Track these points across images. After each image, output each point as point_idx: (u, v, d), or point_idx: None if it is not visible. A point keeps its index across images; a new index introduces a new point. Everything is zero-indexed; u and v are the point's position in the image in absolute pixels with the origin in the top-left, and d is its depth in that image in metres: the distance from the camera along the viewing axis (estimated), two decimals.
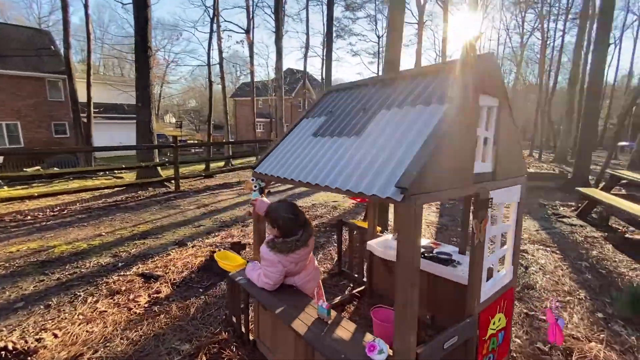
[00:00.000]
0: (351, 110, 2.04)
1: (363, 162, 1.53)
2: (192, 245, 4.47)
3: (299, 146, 2.07)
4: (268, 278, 1.89)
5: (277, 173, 1.96)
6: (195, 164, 14.60)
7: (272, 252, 1.86)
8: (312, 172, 1.72)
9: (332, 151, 1.77)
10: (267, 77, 30.32)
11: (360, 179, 1.45)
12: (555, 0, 24.91)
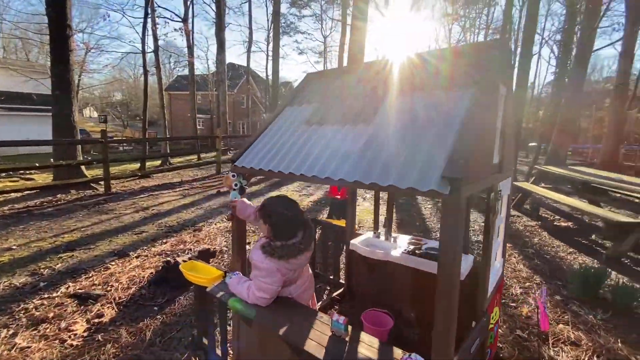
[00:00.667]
0: (348, 96, 1.84)
1: (383, 152, 1.34)
2: (136, 255, 3.83)
3: (290, 136, 1.80)
4: (264, 291, 1.58)
5: (267, 167, 1.67)
6: (126, 163, 12.98)
7: (270, 258, 1.55)
8: (316, 165, 1.48)
9: (339, 141, 1.55)
10: (207, 71, 28.52)
11: (385, 171, 1.25)
12: (477, 15, 27.82)
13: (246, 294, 1.62)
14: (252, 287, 1.61)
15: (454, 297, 1.13)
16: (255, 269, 1.60)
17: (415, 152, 1.26)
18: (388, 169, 1.25)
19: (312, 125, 1.78)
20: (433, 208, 6.70)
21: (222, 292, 1.74)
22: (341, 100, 1.84)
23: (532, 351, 2.26)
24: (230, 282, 1.74)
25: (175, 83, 31.97)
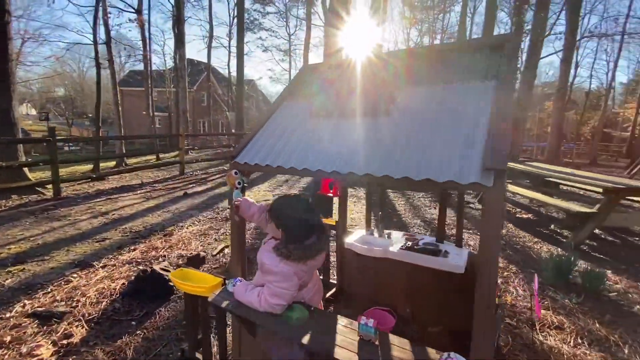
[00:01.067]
0: (357, 89, 1.76)
1: (411, 145, 1.28)
2: (102, 265, 3.45)
3: (295, 130, 1.69)
4: (279, 297, 1.45)
5: (275, 163, 1.55)
6: (75, 165, 11.80)
7: (286, 261, 1.43)
8: (337, 160, 1.39)
9: (358, 134, 1.47)
10: (164, 66, 26.91)
11: (418, 164, 1.20)
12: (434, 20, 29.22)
13: (257, 302, 1.49)
14: (263, 293, 1.48)
15: (493, 293, 1.11)
16: (268, 273, 1.47)
17: (445, 144, 1.22)
18: (420, 162, 1.20)
19: (321, 119, 1.68)
20: (406, 204, 6.87)
21: (227, 301, 1.59)
22: (349, 93, 1.76)
23: (525, 338, 2.36)
24: (236, 289, 1.59)
25: (128, 78, 29.71)
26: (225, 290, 1.70)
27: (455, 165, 1.13)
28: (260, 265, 1.54)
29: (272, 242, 1.53)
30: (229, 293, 1.66)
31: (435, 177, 1.12)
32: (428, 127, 1.33)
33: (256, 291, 1.53)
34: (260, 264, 1.53)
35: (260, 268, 1.56)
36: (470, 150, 1.15)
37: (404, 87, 1.61)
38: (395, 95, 1.58)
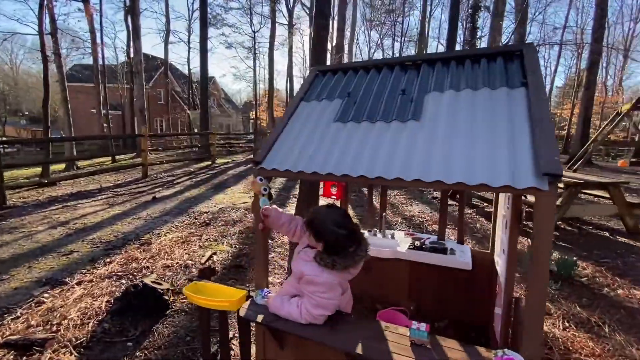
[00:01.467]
0: (381, 92, 1.76)
1: (455, 150, 1.31)
2: (77, 282, 3.12)
3: (325, 134, 1.65)
4: (324, 308, 1.40)
5: (309, 168, 1.49)
6: (15, 169, 10.51)
7: (329, 271, 1.39)
8: (375, 164, 1.37)
9: (392, 138, 1.47)
10: (116, 61, 24.92)
11: (467, 169, 1.22)
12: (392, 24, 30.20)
13: (298, 314, 1.43)
14: (304, 305, 1.43)
15: (545, 292, 1.17)
16: (309, 284, 1.41)
17: (490, 149, 1.26)
18: (471, 167, 1.23)
19: (349, 123, 1.65)
20: None
21: (261, 314, 1.51)
22: (373, 97, 1.75)
23: None
24: (272, 302, 1.52)
25: (75, 73, 27.05)
26: (253, 303, 1.61)
27: (506, 170, 1.18)
28: (298, 275, 1.48)
29: (309, 252, 1.48)
30: (258, 306, 1.58)
31: (490, 183, 1.15)
32: (464, 131, 1.37)
33: (294, 302, 1.48)
34: (298, 274, 1.47)
35: (297, 278, 1.50)
36: (518, 156, 1.20)
37: (429, 92, 1.64)
38: (423, 101, 1.61)
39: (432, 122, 1.47)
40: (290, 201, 7.04)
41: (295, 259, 1.54)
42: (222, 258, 3.81)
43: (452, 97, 1.56)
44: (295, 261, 1.53)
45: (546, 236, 1.14)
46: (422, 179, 1.26)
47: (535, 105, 1.34)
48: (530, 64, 1.53)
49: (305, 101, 1.95)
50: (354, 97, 1.81)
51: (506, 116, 1.37)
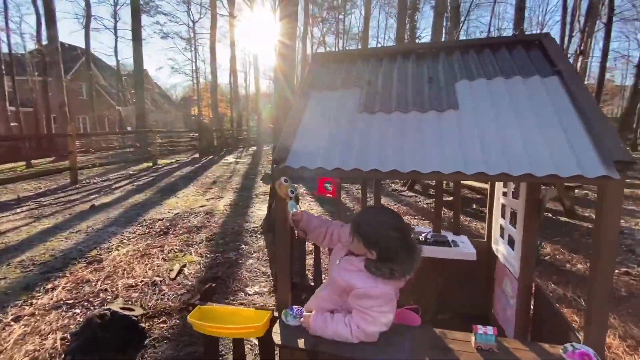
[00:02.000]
0: (405, 80, 1.64)
1: (507, 140, 1.23)
2: (13, 317, 2.49)
3: (350, 127, 1.47)
4: (381, 324, 1.24)
5: (346, 165, 1.30)
6: None
7: (386, 281, 1.22)
8: (424, 158, 1.24)
9: (433, 129, 1.35)
10: (23, 49, 21.19)
11: (531, 160, 1.15)
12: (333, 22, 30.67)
13: (348, 333, 1.24)
14: (354, 322, 1.25)
15: (611, 279, 1.15)
16: (363, 298, 1.23)
17: (546, 139, 1.21)
18: (533, 158, 1.16)
19: (377, 113, 1.50)
20: (348, 196, 7.05)
21: (301, 339, 1.29)
22: (397, 85, 1.62)
23: None
24: (313, 322, 1.30)
25: None
26: (284, 325, 1.38)
27: (572, 159, 1.13)
28: (342, 289, 1.29)
29: (355, 260, 1.30)
30: (291, 328, 1.36)
31: (558, 173, 1.10)
32: (512, 121, 1.31)
33: (340, 320, 1.28)
34: (343, 287, 1.28)
35: (340, 291, 1.32)
36: (577, 145, 1.16)
37: (458, 80, 1.56)
38: (453, 90, 1.52)
39: (474, 111, 1.39)
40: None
41: (336, 270, 1.35)
42: (194, 270, 3.39)
43: (484, 85, 1.50)
44: (336, 272, 1.33)
45: (614, 225, 1.12)
46: (485, 172, 1.16)
47: (578, 93, 1.32)
48: (555, 52, 1.53)
49: (316, 91, 1.74)
50: (375, 85, 1.66)
51: (549, 104, 1.34)
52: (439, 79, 1.60)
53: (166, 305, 2.66)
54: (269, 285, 3.06)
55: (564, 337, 1.39)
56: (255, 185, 8.28)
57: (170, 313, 2.54)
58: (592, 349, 1.15)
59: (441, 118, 1.41)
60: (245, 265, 3.52)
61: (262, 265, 3.51)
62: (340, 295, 1.36)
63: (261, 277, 3.25)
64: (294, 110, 1.63)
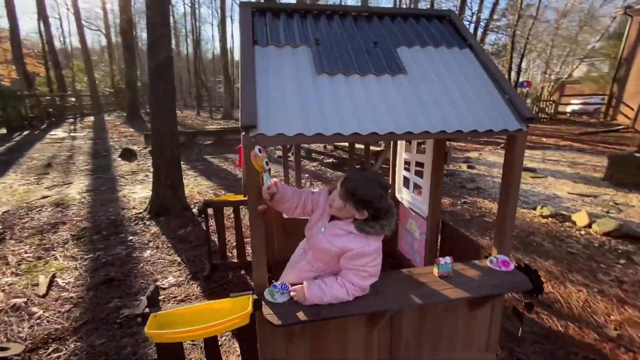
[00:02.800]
0: (354, 43, 1.64)
1: (448, 102, 1.45)
2: None
3: (315, 89, 1.40)
4: (374, 276, 1.30)
5: (327, 130, 1.26)
6: None
7: (376, 237, 1.29)
8: (387, 119, 1.33)
9: (392, 92, 1.44)
10: None
11: (469, 118, 1.40)
12: None
13: (345, 293, 1.28)
14: (348, 280, 1.29)
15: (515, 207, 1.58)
16: (359, 257, 1.27)
17: (477, 102, 1.49)
18: (472, 117, 1.40)
19: (338, 75, 1.47)
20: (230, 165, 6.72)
21: (300, 312, 1.24)
22: (349, 47, 1.61)
23: None
24: (309, 291, 1.27)
25: None
26: (273, 305, 1.29)
27: (497, 117, 1.44)
28: (335, 253, 1.30)
29: (341, 224, 1.31)
30: (282, 305, 1.29)
31: (493, 128, 1.38)
32: (451, 85, 1.53)
33: (334, 283, 1.30)
34: (338, 252, 1.29)
35: (332, 256, 1.32)
36: (492, 104, 1.48)
37: (399, 46, 1.68)
38: (393, 54, 1.64)
39: (420, 77, 1.54)
40: None
41: (322, 238, 1.33)
42: (72, 279, 2.63)
43: (419, 52, 1.67)
44: (324, 240, 1.32)
45: (520, 166, 1.52)
46: (429, 131, 1.34)
47: (488, 64, 1.65)
48: (463, 28, 1.84)
49: (259, 46, 1.54)
50: (325, 45, 1.60)
51: (472, 72, 1.62)
52: (383, 43, 1.68)
53: (51, 329, 2.01)
54: (185, 273, 2.72)
55: (476, 255, 1.85)
56: (114, 164, 6.80)
57: (62, 337, 1.95)
58: (505, 256, 1.58)
59: (393, 82, 1.51)
60: (144, 257, 2.98)
61: (165, 253, 3.05)
62: (327, 262, 1.37)
63: (171, 266, 2.84)
64: (244, 68, 1.40)
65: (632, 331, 2.05)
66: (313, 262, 1.42)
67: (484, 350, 1.78)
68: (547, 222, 3.81)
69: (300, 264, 1.46)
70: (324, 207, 1.40)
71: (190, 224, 3.70)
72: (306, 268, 1.43)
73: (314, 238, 1.37)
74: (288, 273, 1.51)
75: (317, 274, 1.42)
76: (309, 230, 1.42)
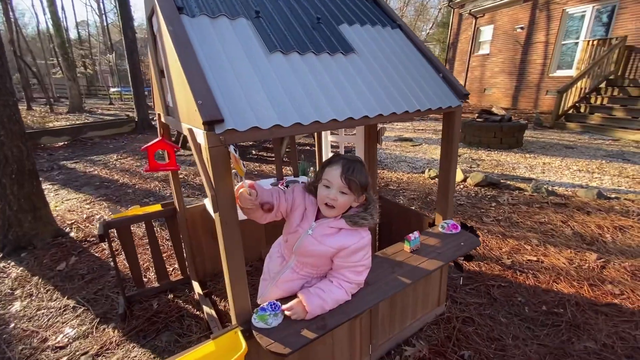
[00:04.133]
0: (297, 18, 1.46)
1: (399, 84, 1.47)
2: None
3: (274, 70, 1.20)
4: (368, 268, 1.23)
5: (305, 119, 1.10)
6: None
7: (366, 229, 1.21)
8: (354, 103, 1.27)
9: (350, 73, 1.37)
10: None
11: (404, 99, 1.42)
12: None
13: (344, 294, 1.20)
14: (346, 279, 1.20)
15: (455, 172, 1.76)
16: (356, 252, 1.18)
17: (421, 81, 1.56)
18: (410, 97, 1.44)
19: (292, 54, 1.28)
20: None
21: (304, 329, 1.09)
22: (294, 23, 1.42)
23: None
24: (310, 305, 1.11)
25: None
26: (268, 331, 1.09)
27: (441, 95, 1.54)
28: (332, 253, 1.18)
29: (330, 222, 1.19)
30: (276, 330, 1.10)
31: (421, 107, 1.45)
32: (397, 66, 1.55)
33: (331, 286, 1.19)
34: (334, 251, 1.17)
35: (327, 257, 1.19)
36: (431, 82, 1.58)
37: (340, 23, 1.59)
38: (338, 33, 1.55)
39: (371, 56, 1.50)
40: None
41: (312, 240, 1.18)
42: None
43: (361, 31, 1.62)
44: (315, 242, 1.17)
45: (457, 137, 1.69)
46: (396, 112, 1.35)
47: (418, 44, 1.74)
48: (389, 9, 1.87)
49: (186, 15, 1.20)
50: (268, 18, 1.37)
51: (409, 52, 1.68)
52: (325, 20, 1.55)
53: None
54: (88, 319, 2.09)
55: (420, 223, 2.02)
56: None
57: None
58: (453, 221, 1.77)
59: (348, 61, 1.42)
60: (13, 314, 2.15)
61: (47, 300, 2.28)
62: (318, 266, 1.25)
63: (63, 314, 2.13)
64: (177, 43, 1.07)
65: (518, 256, 2.66)
66: (299, 269, 1.26)
67: (436, 305, 2.00)
68: (436, 182, 4.52)
69: (283, 275, 1.28)
70: (303, 205, 1.24)
71: (73, 253, 2.85)
72: (292, 277, 1.26)
73: (301, 241, 1.21)
74: (270, 288, 1.31)
75: (305, 280, 1.27)
76: (291, 235, 1.25)
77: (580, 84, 7.93)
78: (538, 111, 10.03)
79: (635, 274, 2.36)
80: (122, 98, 20.06)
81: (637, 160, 5.19)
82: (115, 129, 8.15)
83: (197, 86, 0.98)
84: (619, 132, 6.79)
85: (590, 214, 3.33)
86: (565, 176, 4.61)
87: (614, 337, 1.82)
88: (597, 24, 8.95)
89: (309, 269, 1.26)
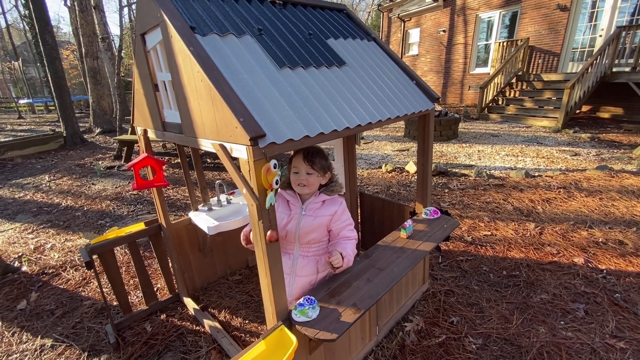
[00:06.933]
0: (292, 33, 1.56)
1: (383, 91, 1.67)
2: None
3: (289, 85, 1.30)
4: (353, 224, 1.52)
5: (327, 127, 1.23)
6: None
7: (339, 193, 1.51)
8: (359, 112, 1.44)
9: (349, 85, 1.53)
10: None
11: (393, 105, 1.63)
12: None
13: (354, 245, 1.46)
14: (344, 235, 1.47)
15: (430, 166, 2.02)
16: (343, 213, 1.47)
17: (402, 88, 1.78)
18: (394, 104, 1.66)
19: (298, 68, 1.39)
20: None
21: (339, 314, 1.21)
22: (291, 38, 1.52)
23: None
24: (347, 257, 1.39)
25: None
26: (311, 323, 1.19)
27: (419, 100, 1.78)
28: (329, 222, 1.45)
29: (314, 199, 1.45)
30: (324, 316, 1.22)
31: (408, 111, 1.69)
32: (381, 76, 1.75)
33: (345, 244, 1.44)
34: (330, 219, 1.44)
35: (326, 228, 1.47)
36: (408, 89, 1.81)
37: (328, 37, 1.73)
38: (328, 46, 1.69)
39: (360, 69, 1.67)
40: None
41: (309, 218, 1.43)
42: None
43: (345, 45, 1.78)
44: (311, 220, 1.43)
45: (432, 134, 1.95)
46: (390, 117, 1.55)
47: (392, 55, 1.96)
48: (361, 22, 2.06)
49: (200, 35, 1.24)
50: (269, 35, 1.45)
51: (387, 62, 1.89)
52: (314, 34, 1.68)
53: None
54: (74, 355, 1.94)
55: (402, 214, 2.26)
56: None
57: None
58: (433, 207, 2.04)
59: (342, 74, 1.58)
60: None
61: (16, 343, 2.04)
62: (321, 239, 1.47)
63: (44, 354, 1.94)
64: (204, 66, 1.12)
65: (476, 233, 3.08)
66: (306, 251, 1.47)
67: (422, 283, 2.26)
68: (393, 175, 4.91)
69: (297, 264, 1.45)
70: (285, 200, 1.48)
71: (32, 289, 2.55)
72: (305, 262, 1.47)
73: (300, 223, 1.43)
74: (294, 279, 1.44)
75: (316, 259, 1.48)
76: (289, 225, 1.45)
77: (497, 80, 9.15)
78: (464, 105, 11.30)
79: (565, 236, 2.92)
80: (35, 110, 17.56)
81: (547, 143, 6.21)
82: (39, 146, 7.17)
83: (236, 105, 1.05)
84: (530, 120, 8.02)
85: (523, 191, 3.96)
86: (497, 161, 5.35)
87: (560, 288, 2.27)
88: (503, 28, 10.39)
89: (314, 246, 1.46)
